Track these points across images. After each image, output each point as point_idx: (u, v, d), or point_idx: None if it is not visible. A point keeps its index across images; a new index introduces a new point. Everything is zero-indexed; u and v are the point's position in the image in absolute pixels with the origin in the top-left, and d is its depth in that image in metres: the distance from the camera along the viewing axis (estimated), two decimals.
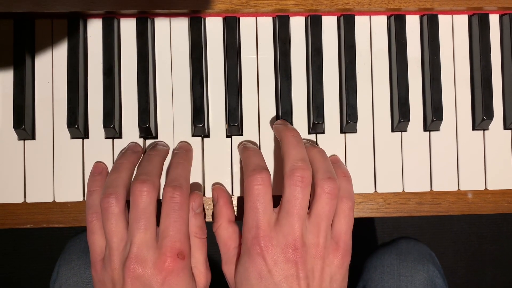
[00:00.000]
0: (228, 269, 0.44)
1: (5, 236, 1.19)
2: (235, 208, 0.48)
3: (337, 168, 0.46)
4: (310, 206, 0.42)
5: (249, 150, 0.45)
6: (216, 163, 0.48)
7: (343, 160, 0.48)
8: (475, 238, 1.24)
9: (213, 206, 0.46)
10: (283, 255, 0.40)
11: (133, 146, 0.47)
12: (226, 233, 0.44)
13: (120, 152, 0.47)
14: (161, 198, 0.47)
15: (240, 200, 0.48)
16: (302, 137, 0.46)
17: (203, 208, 0.47)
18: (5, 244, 1.19)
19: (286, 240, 0.40)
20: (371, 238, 1.23)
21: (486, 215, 1.24)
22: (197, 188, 0.48)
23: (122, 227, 0.42)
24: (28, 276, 1.20)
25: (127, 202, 0.43)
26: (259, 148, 0.48)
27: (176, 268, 0.40)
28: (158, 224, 0.42)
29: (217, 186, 0.47)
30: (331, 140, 0.49)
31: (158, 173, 0.44)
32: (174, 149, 0.48)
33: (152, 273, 0.40)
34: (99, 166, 0.47)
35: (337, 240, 0.43)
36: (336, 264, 0.42)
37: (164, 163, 0.47)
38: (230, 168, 0.48)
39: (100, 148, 0.47)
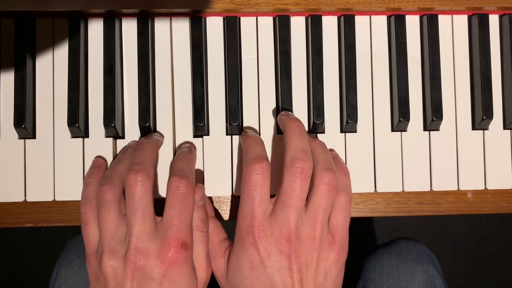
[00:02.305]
0: (215, 264, 0.43)
1: (5, 236, 1.19)
2: (234, 208, 0.49)
3: (335, 163, 0.46)
4: (307, 198, 0.42)
5: (250, 138, 0.44)
6: (216, 161, 0.48)
7: (343, 159, 0.48)
8: (474, 239, 1.24)
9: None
10: (276, 246, 0.40)
11: (134, 144, 0.47)
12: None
13: (121, 150, 0.47)
14: (158, 194, 0.47)
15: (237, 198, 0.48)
16: None
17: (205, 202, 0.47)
18: (5, 244, 1.19)
19: (280, 231, 0.40)
20: (370, 239, 1.23)
21: (485, 216, 1.24)
22: (200, 181, 0.48)
23: (115, 215, 0.41)
24: (27, 276, 1.20)
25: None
26: None
27: (179, 259, 0.39)
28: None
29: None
30: (331, 140, 0.49)
31: (152, 162, 0.43)
32: (177, 149, 0.48)
33: (154, 264, 0.39)
34: (97, 161, 0.47)
35: (333, 235, 0.42)
36: (331, 259, 0.41)
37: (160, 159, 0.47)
38: (230, 166, 0.48)
39: (100, 147, 0.47)
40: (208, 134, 0.48)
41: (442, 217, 1.24)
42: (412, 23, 0.50)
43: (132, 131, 0.48)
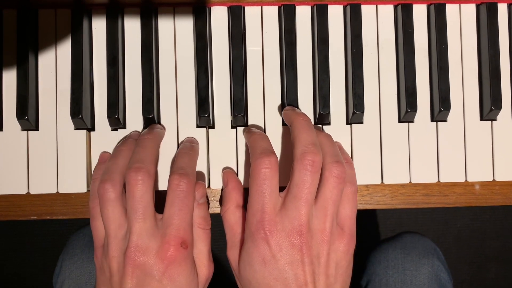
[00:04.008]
0: (233, 254, 0.43)
1: (8, 231, 1.19)
2: None
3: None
4: (317, 191, 0.42)
5: (256, 134, 0.44)
6: (221, 154, 0.47)
7: (349, 151, 0.48)
8: (478, 234, 1.24)
9: (222, 189, 0.46)
10: (288, 240, 0.40)
11: (135, 134, 0.47)
12: (233, 218, 0.44)
13: (121, 140, 0.47)
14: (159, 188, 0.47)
15: (245, 191, 0.48)
16: None
17: (207, 199, 0.47)
18: (8, 239, 1.19)
19: (291, 225, 0.40)
20: (374, 234, 1.22)
21: (489, 210, 1.23)
22: (201, 178, 0.47)
23: (119, 214, 0.41)
24: (31, 271, 1.20)
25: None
26: None
27: (178, 257, 0.40)
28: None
29: (227, 170, 0.46)
30: (337, 131, 0.48)
31: (153, 160, 0.43)
32: (180, 143, 0.47)
33: (154, 261, 0.39)
34: (104, 156, 0.47)
35: (342, 226, 0.42)
36: (341, 250, 0.42)
37: (161, 151, 0.46)
38: (235, 159, 0.47)
39: (104, 139, 0.47)
40: (213, 127, 0.48)
41: (446, 212, 1.23)
42: (419, 13, 0.49)
43: (136, 122, 0.47)
